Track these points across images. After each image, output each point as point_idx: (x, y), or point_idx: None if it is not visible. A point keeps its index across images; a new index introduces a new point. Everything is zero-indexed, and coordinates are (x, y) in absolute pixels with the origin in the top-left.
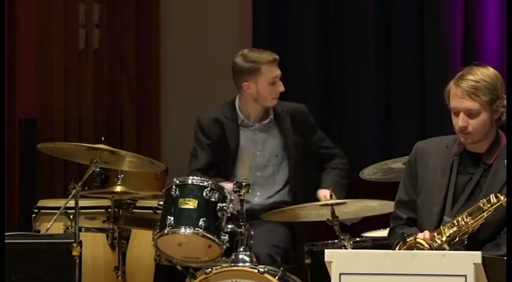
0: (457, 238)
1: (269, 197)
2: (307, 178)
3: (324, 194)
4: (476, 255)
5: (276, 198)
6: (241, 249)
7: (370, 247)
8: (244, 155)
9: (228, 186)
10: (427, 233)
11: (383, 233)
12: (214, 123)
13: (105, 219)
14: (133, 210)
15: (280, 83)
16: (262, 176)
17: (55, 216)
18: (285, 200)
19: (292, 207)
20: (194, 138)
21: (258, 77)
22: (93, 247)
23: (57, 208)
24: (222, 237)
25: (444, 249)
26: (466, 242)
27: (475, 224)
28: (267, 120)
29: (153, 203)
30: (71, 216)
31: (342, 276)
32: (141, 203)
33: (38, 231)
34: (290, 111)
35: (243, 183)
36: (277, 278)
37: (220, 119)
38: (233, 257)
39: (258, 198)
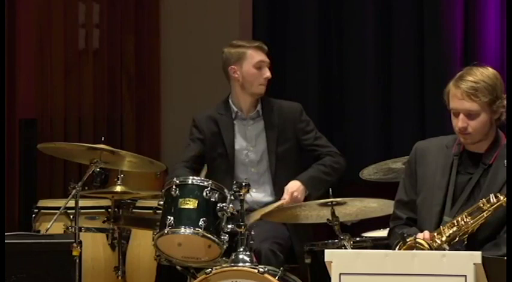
0: (457, 238)
1: (266, 195)
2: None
3: (291, 185)
4: (476, 255)
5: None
6: (241, 249)
7: (370, 247)
8: (238, 150)
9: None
10: (426, 233)
11: (383, 233)
12: (208, 120)
13: (105, 219)
14: (133, 210)
15: (267, 69)
16: (256, 171)
17: (55, 216)
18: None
19: (292, 206)
20: (188, 135)
21: (244, 60)
22: (93, 247)
23: (57, 208)
24: (222, 237)
25: (444, 249)
26: (465, 242)
27: (474, 224)
28: (253, 113)
29: (153, 203)
30: (71, 216)
31: (342, 276)
32: (141, 203)
33: (38, 231)
34: (280, 109)
35: (243, 183)
36: (277, 278)
37: (214, 117)
38: (233, 257)
39: (254, 194)
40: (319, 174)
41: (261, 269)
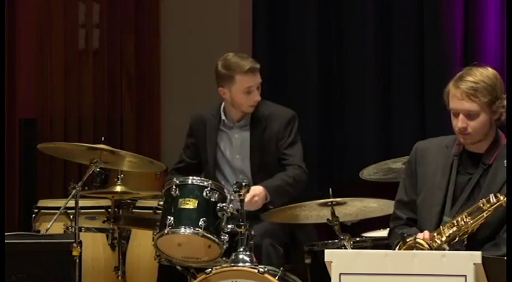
0: (457, 238)
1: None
2: None
3: (254, 189)
4: (476, 255)
5: None
6: (241, 249)
7: (370, 247)
8: (223, 157)
9: None
10: (426, 233)
11: (383, 233)
12: (200, 121)
13: (105, 219)
14: (133, 210)
15: (257, 92)
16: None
17: (55, 216)
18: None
19: (292, 205)
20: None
21: (232, 85)
22: (93, 247)
23: (57, 208)
24: (222, 237)
25: (444, 249)
26: (465, 242)
27: (474, 224)
28: (242, 122)
29: (153, 203)
30: (71, 216)
31: (342, 276)
32: (141, 203)
33: (38, 231)
34: (271, 117)
35: (243, 183)
36: (277, 278)
37: (205, 118)
38: (233, 257)
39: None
40: (283, 184)
41: (261, 269)
